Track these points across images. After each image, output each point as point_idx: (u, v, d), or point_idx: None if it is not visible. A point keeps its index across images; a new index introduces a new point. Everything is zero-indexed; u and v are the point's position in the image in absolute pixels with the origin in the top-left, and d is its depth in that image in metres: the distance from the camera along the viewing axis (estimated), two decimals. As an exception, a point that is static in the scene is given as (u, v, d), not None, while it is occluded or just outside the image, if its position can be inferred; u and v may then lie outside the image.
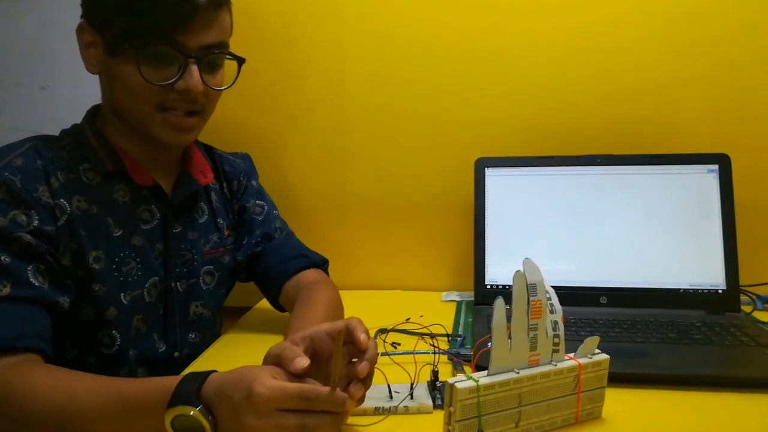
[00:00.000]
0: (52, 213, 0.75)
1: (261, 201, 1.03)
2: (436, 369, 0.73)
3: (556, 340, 0.62)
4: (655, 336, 0.85)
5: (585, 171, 1.04)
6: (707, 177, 1.00)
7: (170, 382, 0.59)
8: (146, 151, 0.85)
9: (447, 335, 0.91)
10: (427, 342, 0.86)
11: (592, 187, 1.03)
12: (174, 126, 0.80)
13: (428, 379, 0.73)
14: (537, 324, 0.60)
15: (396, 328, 0.94)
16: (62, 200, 0.77)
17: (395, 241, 1.21)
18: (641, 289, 0.99)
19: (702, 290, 0.98)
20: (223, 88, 0.84)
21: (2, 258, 0.69)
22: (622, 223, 1.02)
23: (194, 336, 0.91)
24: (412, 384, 0.70)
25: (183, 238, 0.89)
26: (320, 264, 1.00)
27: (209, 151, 1.00)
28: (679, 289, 0.99)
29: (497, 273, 1.04)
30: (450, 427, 0.58)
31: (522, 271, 0.60)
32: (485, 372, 0.59)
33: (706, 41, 1.07)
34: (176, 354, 0.88)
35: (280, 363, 0.59)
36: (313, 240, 1.05)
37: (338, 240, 1.22)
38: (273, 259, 0.98)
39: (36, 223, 0.73)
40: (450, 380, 0.57)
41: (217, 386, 0.58)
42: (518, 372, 0.60)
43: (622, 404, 0.68)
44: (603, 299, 1.00)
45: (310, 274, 0.96)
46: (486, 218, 1.05)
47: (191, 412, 0.56)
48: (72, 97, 1.26)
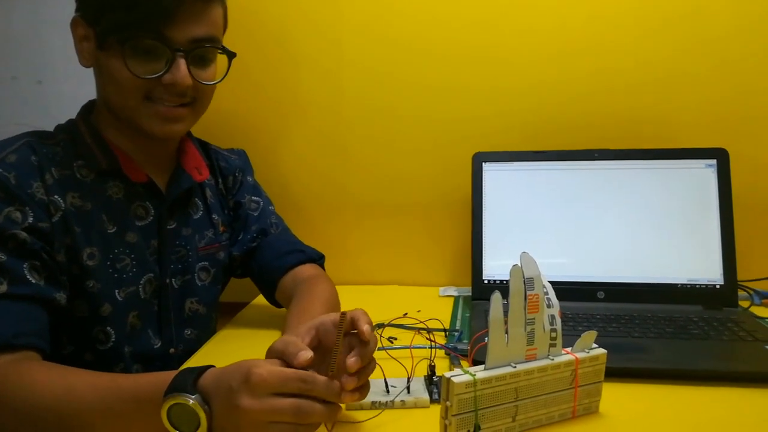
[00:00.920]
0: (47, 210, 0.75)
1: (256, 197, 1.02)
2: (433, 363, 0.73)
3: (553, 335, 0.62)
4: (653, 331, 0.85)
5: (583, 166, 1.04)
6: (705, 172, 1.00)
7: (168, 376, 0.59)
8: (140, 147, 0.85)
9: (444, 330, 0.90)
10: (424, 336, 0.86)
11: (590, 182, 1.03)
12: (162, 116, 0.79)
13: (425, 374, 0.73)
14: (534, 318, 0.60)
15: (393, 323, 0.93)
16: (56, 197, 0.76)
17: (392, 237, 1.21)
18: (639, 284, 0.99)
19: (699, 285, 0.98)
20: (214, 83, 0.83)
21: None
22: (620, 218, 1.01)
23: (190, 332, 0.91)
24: (409, 378, 0.70)
25: (177, 235, 0.89)
26: (316, 259, 1.00)
27: (205, 147, 1.00)
28: (677, 284, 0.98)
29: (495, 268, 1.04)
30: (447, 422, 0.57)
31: (519, 266, 0.59)
32: (482, 366, 0.59)
33: (705, 38, 1.07)
34: (172, 350, 0.88)
35: (284, 358, 0.59)
36: (310, 235, 1.05)
37: (335, 235, 1.21)
38: (268, 255, 0.97)
39: (31, 220, 0.72)
40: (447, 374, 0.57)
41: (215, 377, 0.58)
42: (515, 366, 0.59)
43: (620, 399, 0.68)
44: (600, 294, 1.00)
45: (307, 269, 0.96)
46: (483, 213, 1.05)
47: (190, 402, 0.56)
48: (69, 92, 1.26)
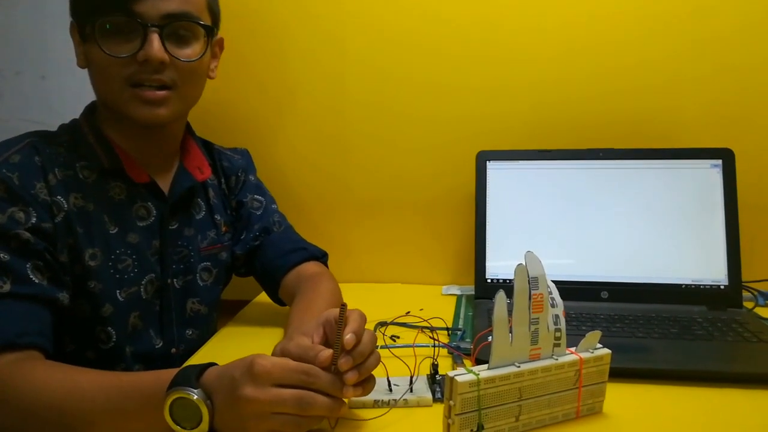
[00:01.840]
0: (50, 210, 0.75)
1: (259, 196, 1.02)
2: (436, 362, 0.73)
3: (558, 335, 0.62)
4: (657, 331, 0.85)
5: (587, 165, 1.03)
6: (711, 172, 0.99)
7: (170, 372, 0.59)
8: (143, 147, 0.84)
9: (447, 329, 0.90)
10: (427, 335, 0.86)
11: (595, 181, 1.03)
12: (144, 100, 0.78)
13: (428, 373, 0.73)
14: (538, 318, 0.60)
15: (396, 322, 0.93)
16: (59, 197, 0.76)
17: (395, 235, 1.20)
18: (643, 285, 0.99)
19: (704, 286, 0.97)
20: (193, 60, 0.80)
21: (1, 255, 0.69)
22: (624, 218, 1.01)
23: (191, 332, 0.91)
24: (412, 377, 0.70)
25: (179, 235, 0.89)
26: (320, 257, 1.00)
27: (208, 147, 1.00)
28: (681, 285, 0.98)
29: (498, 267, 1.04)
30: (450, 421, 0.57)
31: (524, 265, 0.59)
32: (485, 365, 0.59)
33: (711, 37, 1.06)
34: (173, 350, 0.88)
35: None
36: (312, 234, 1.05)
37: (337, 233, 1.21)
38: (272, 253, 0.97)
39: (34, 221, 0.72)
40: (450, 373, 0.57)
41: (218, 372, 0.59)
42: (519, 366, 0.59)
43: (623, 399, 0.68)
44: (604, 294, 1.00)
45: (310, 267, 0.96)
46: (487, 212, 1.05)
47: (193, 396, 0.56)
48: (72, 87, 1.25)
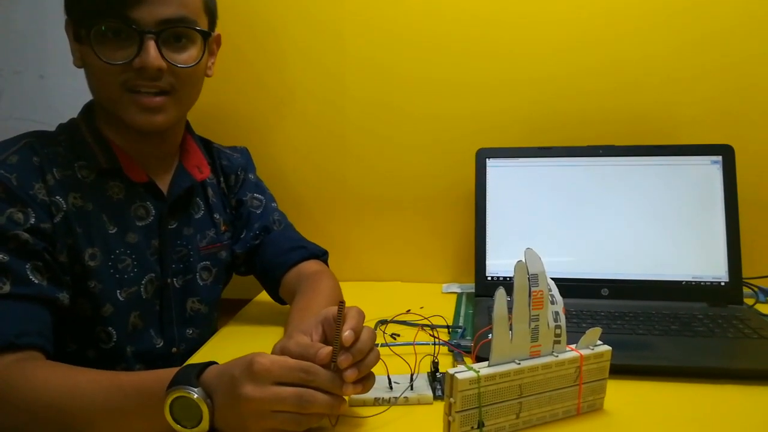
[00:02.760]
0: (49, 210, 0.75)
1: (259, 194, 1.02)
2: (437, 360, 0.73)
3: (558, 331, 0.62)
4: (657, 328, 0.85)
5: (587, 162, 1.03)
6: (711, 168, 0.99)
7: (171, 371, 0.60)
8: (141, 147, 0.84)
9: (447, 326, 0.90)
10: (428, 333, 0.86)
11: (595, 178, 1.02)
12: (142, 107, 0.77)
13: (428, 370, 0.73)
14: (538, 315, 0.60)
15: (396, 320, 0.93)
16: (58, 197, 0.76)
17: (395, 233, 1.20)
18: (643, 281, 0.99)
19: (704, 282, 0.97)
20: (190, 66, 0.79)
21: (1, 256, 0.69)
22: (625, 215, 1.01)
23: (191, 331, 0.91)
24: (412, 375, 0.70)
25: (179, 234, 0.89)
26: (320, 255, 1.00)
27: (207, 146, 0.99)
28: (682, 281, 0.98)
29: (498, 265, 1.03)
30: (450, 418, 0.57)
31: (523, 262, 0.59)
32: (486, 363, 0.59)
33: (711, 33, 1.06)
34: (174, 350, 0.88)
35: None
36: (312, 232, 1.05)
37: (337, 232, 1.21)
38: (272, 251, 0.97)
39: (33, 221, 0.72)
40: (450, 371, 0.57)
41: (218, 371, 0.59)
42: (519, 363, 0.59)
43: (624, 396, 0.68)
44: (604, 291, 1.00)
45: (311, 265, 0.96)
46: (487, 209, 1.04)
47: (193, 395, 0.56)
48: (71, 86, 1.24)
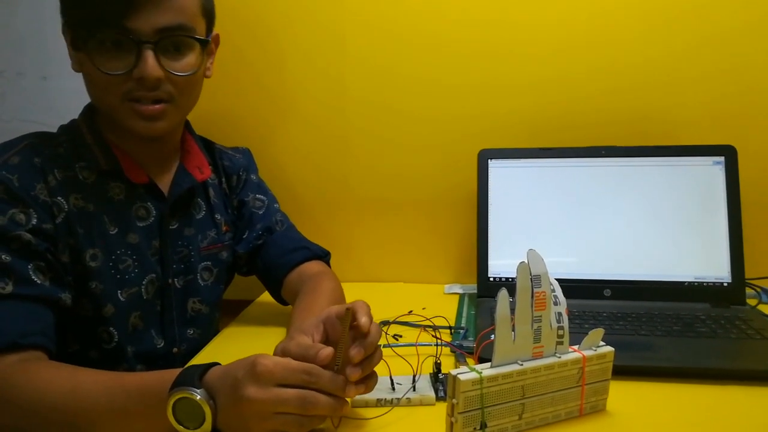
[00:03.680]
0: (50, 211, 0.75)
1: (261, 195, 1.02)
2: (439, 361, 0.73)
3: (560, 332, 0.62)
4: (660, 329, 0.85)
5: (590, 162, 1.03)
6: (713, 169, 0.99)
7: (173, 372, 0.60)
8: (141, 148, 0.84)
9: (450, 327, 0.90)
10: (430, 334, 0.86)
11: (597, 179, 1.02)
12: (141, 115, 0.77)
13: (431, 371, 0.73)
14: (541, 316, 0.60)
15: (398, 321, 0.93)
16: (59, 198, 0.76)
17: (397, 234, 1.20)
18: (646, 282, 0.99)
19: (707, 283, 0.97)
20: (189, 74, 0.79)
21: (3, 257, 0.69)
22: (627, 215, 1.01)
23: (192, 332, 0.91)
24: (415, 376, 0.70)
25: (179, 235, 0.89)
26: (322, 256, 1.00)
27: (209, 147, 0.99)
28: (684, 282, 0.98)
29: (500, 265, 1.03)
30: (453, 419, 0.57)
31: (526, 263, 0.59)
32: (488, 364, 0.59)
33: (713, 34, 1.06)
34: (175, 350, 0.88)
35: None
36: (314, 233, 1.05)
37: (339, 233, 1.21)
38: (274, 252, 0.97)
39: (35, 222, 0.72)
40: (453, 372, 0.57)
41: (221, 372, 0.59)
42: (522, 364, 0.59)
43: (627, 397, 0.68)
44: (607, 292, 1.00)
45: (313, 266, 0.96)
46: (489, 210, 1.04)
47: (196, 396, 0.56)
48: (73, 88, 1.23)
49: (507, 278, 1.03)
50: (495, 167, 1.05)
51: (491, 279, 1.03)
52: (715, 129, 1.07)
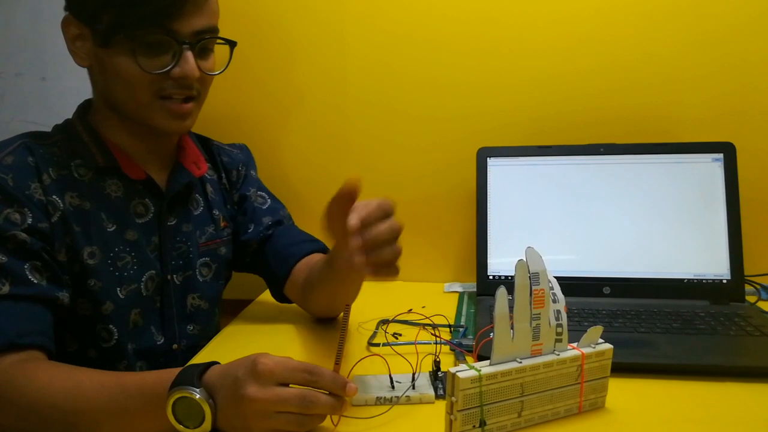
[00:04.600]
0: (45, 210, 0.75)
1: (263, 192, 1.02)
2: (438, 359, 0.73)
3: (559, 330, 0.62)
4: (659, 326, 0.85)
5: (589, 160, 1.03)
6: (712, 166, 0.99)
7: (173, 371, 0.60)
8: (139, 144, 0.85)
9: (449, 326, 0.90)
10: (429, 332, 0.86)
11: (596, 177, 1.02)
12: (173, 113, 0.80)
13: (430, 370, 0.73)
14: (540, 313, 0.60)
15: (398, 319, 0.93)
16: (55, 197, 0.76)
17: (397, 233, 1.20)
18: (645, 279, 0.99)
19: (706, 280, 0.97)
20: (216, 73, 0.84)
21: None
22: (626, 213, 1.01)
23: (192, 328, 0.91)
24: (414, 374, 0.70)
25: (178, 231, 0.89)
26: (327, 251, 1.00)
27: (205, 143, 1.00)
28: (683, 279, 0.98)
29: (499, 264, 1.03)
30: (452, 417, 0.57)
31: (524, 261, 0.59)
32: (487, 362, 0.59)
33: (711, 32, 1.06)
34: (175, 346, 0.88)
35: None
36: (315, 232, 1.04)
37: (340, 231, 1.21)
38: (284, 241, 0.97)
39: (30, 221, 0.73)
40: (452, 370, 0.57)
41: (221, 371, 0.59)
42: (521, 362, 0.59)
43: (626, 394, 0.68)
44: (606, 289, 1.00)
45: (320, 258, 0.96)
46: (488, 208, 1.04)
47: (195, 395, 0.56)
48: (72, 89, 1.25)
49: (507, 276, 1.03)
50: (494, 165, 1.05)
51: (491, 277, 1.03)
52: (714, 126, 1.07)
